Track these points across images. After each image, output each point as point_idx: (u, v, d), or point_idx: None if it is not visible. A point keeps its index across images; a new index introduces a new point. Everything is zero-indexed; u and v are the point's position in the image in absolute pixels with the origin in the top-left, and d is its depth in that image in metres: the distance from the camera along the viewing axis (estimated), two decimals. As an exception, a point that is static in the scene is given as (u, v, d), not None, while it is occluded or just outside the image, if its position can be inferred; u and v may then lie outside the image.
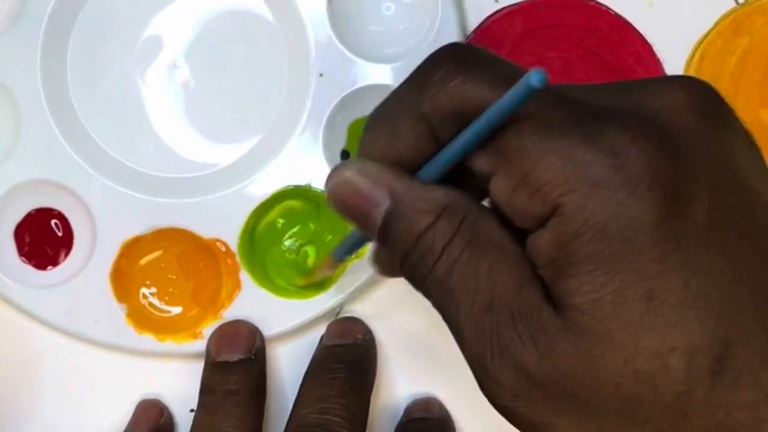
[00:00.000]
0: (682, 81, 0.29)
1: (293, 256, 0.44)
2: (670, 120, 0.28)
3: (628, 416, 0.28)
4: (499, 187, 0.29)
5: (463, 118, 0.28)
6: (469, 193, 0.30)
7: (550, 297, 0.28)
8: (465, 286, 0.29)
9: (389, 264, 0.32)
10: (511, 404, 0.29)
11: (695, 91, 0.29)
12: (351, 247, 0.37)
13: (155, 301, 0.44)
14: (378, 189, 0.30)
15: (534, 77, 0.25)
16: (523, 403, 0.29)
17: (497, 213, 0.30)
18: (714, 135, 0.28)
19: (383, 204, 0.30)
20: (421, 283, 0.30)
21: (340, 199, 0.31)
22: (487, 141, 0.28)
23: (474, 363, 0.30)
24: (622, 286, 0.27)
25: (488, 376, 0.29)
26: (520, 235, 0.29)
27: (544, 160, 0.27)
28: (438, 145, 0.30)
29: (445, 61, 0.29)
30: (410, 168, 0.30)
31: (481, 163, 0.29)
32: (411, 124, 0.30)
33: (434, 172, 0.30)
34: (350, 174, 0.30)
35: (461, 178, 0.30)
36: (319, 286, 0.43)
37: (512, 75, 0.27)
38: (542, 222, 0.28)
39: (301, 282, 0.43)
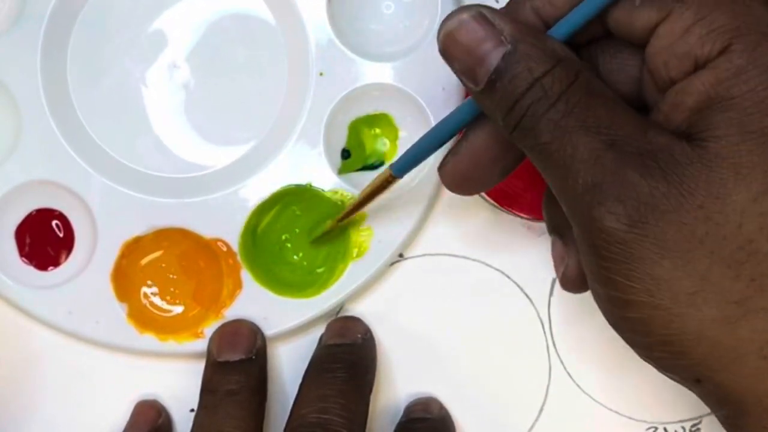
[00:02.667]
0: None
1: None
2: None
3: (738, 267, 0.29)
4: (667, 31, 0.30)
5: None
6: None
7: (683, 137, 0.30)
8: (584, 126, 0.30)
9: (461, 173, 0.34)
10: (623, 236, 0.29)
11: None
12: (414, 160, 0.37)
13: (156, 301, 0.44)
14: (496, 33, 0.31)
15: None
16: (638, 234, 0.29)
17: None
18: None
19: (500, 48, 0.31)
20: (529, 127, 0.31)
21: (453, 42, 0.32)
22: None
23: (586, 193, 0.30)
24: None
25: (602, 207, 0.30)
26: None
27: (721, 5, 0.30)
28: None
29: None
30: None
31: (645, 15, 0.31)
32: None
33: (568, 29, 0.32)
34: (467, 16, 0.31)
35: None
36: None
37: None
38: (704, 63, 0.30)
39: (329, 224, 0.42)
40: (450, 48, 0.32)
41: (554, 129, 0.30)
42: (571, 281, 0.35)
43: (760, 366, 0.30)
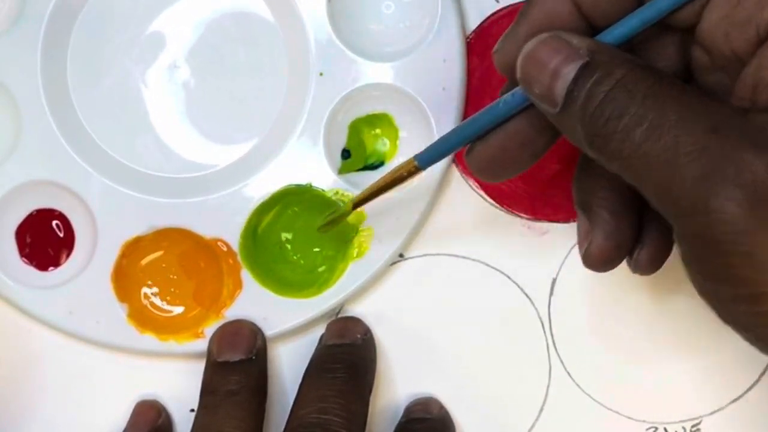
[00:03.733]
0: None
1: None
2: None
3: None
4: (720, 1, 0.30)
5: None
6: None
7: None
8: (680, 117, 0.29)
9: (491, 161, 0.34)
10: (742, 219, 0.28)
11: None
12: (441, 154, 0.37)
13: (157, 301, 0.44)
14: (574, 47, 0.31)
15: None
16: (757, 218, 0.28)
17: None
18: None
19: (578, 60, 0.31)
20: (618, 129, 0.30)
21: (533, 60, 0.32)
22: None
23: (698, 183, 0.29)
24: None
25: (717, 194, 0.28)
26: None
27: None
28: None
29: None
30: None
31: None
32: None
33: (625, 33, 0.32)
34: (546, 36, 0.32)
35: None
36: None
37: None
38: (762, 32, 0.29)
39: (346, 207, 0.41)
40: (529, 68, 0.32)
41: (648, 128, 0.29)
42: (594, 258, 0.35)
43: None
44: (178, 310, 0.44)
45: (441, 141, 0.37)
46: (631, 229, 0.35)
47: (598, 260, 0.35)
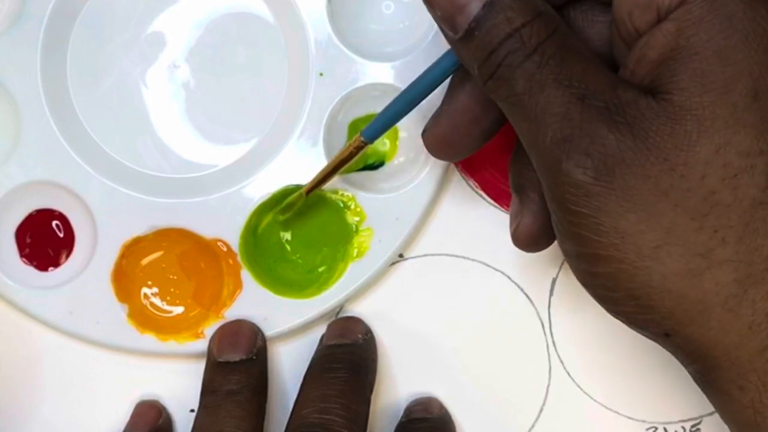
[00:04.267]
0: None
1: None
2: None
3: (701, 219, 0.30)
4: None
5: None
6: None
7: (648, 92, 0.30)
8: (558, 79, 0.30)
9: (443, 134, 0.35)
10: (589, 188, 0.30)
11: None
12: (384, 125, 0.38)
13: (157, 302, 0.44)
14: None
15: None
16: (603, 187, 0.30)
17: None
18: None
19: None
20: (504, 76, 0.31)
21: None
22: None
23: (555, 147, 0.30)
24: (734, 78, 0.29)
25: (570, 160, 0.30)
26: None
27: None
28: None
29: None
30: None
31: None
32: None
33: None
34: None
35: None
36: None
37: None
38: (663, 16, 0.30)
39: (293, 197, 0.42)
40: None
41: (529, 80, 0.31)
42: (521, 238, 0.36)
43: (725, 318, 0.30)
44: (178, 310, 0.44)
45: (383, 114, 0.38)
46: None
47: (525, 240, 0.36)
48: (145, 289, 0.44)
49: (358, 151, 0.39)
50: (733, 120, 0.29)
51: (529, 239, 0.36)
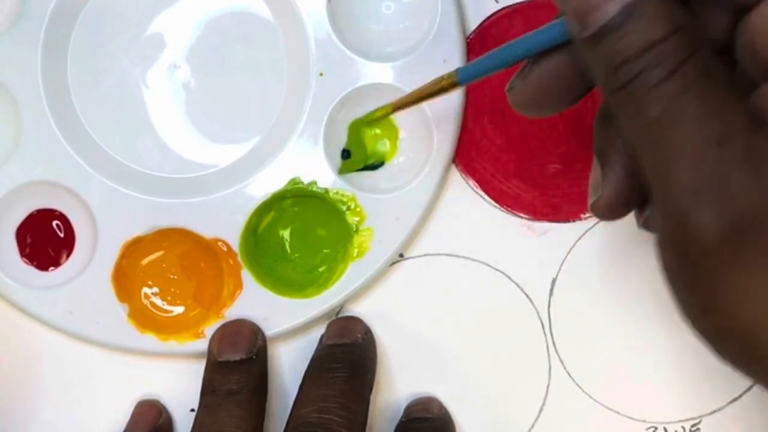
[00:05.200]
0: None
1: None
2: None
3: None
4: (765, 12, 0.28)
5: None
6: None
7: None
8: (696, 112, 0.28)
9: (537, 94, 0.32)
10: (717, 245, 0.28)
11: None
12: (482, 73, 0.35)
13: (157, 301, 0.44)
14: None
15: None
16: (730, 248, 0.28)
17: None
18: None
19: None
20: (637, 95, 0.28)
21: None
22: None
23: (684, 198, 0.28)
24: None
25: (699, 214, 0.28)
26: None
27: None
28: None
29: None
30: None
31: None
32: None
33: None
34: None
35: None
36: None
37: None
38: None
39: (380, 111, 0.41)
40: None
41: (664, 107, 0.28)
42: (602, 210, 0.33)
43: None
44: (179, 310, 0.44)
45: (484, 60, 0.35)
46: (642, 189, 0.33)
47: (603, 212, 0.33)
48: (145, 289, 0.44)
49: (446, 90, 0.37)
50: None
51: (607, 210, 0.33)
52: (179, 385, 0.44)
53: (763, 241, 0.28)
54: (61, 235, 0.44)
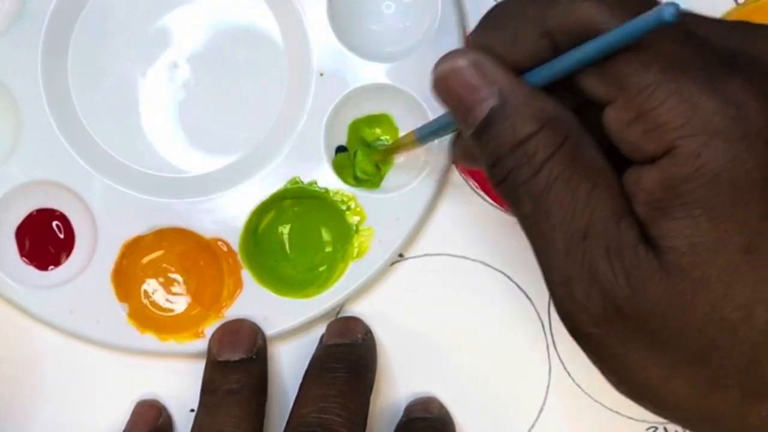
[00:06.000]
0: None
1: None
2: None
3: (702, 359, 0.29)
4: (613, 117, 0.29)
5: (588, 38, 0.28)
6: (570, 112, 0.30)
7: (645, 235, 0.29)
8: (562, 208, 0.29)
9: (470, 155, 0.33)
10: (590, 330, 0.30)
11: None
12: (436, 131, 0.37)
13: (157, 301, 0.44)
14: (488, 84, 0.30)
15: (667, 11, 0.25)
16: (604, 331, 0.30)
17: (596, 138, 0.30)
18: None
19: (489, 100, 0.30)
20: (511, 191, 0.30)
21: (446, 87, 0.31)
22: (606, 65, 0.28)
23: (559, 285, 0.30)
24: (724, 235, 0.28)
25: (573, 301, 0.30)
26: (615, 162, 0.30)
27: (667, 101, 0.28)
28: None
29: None
30: (520, 70, 0.30)
31: (596, 88, 0.29)
32: (534, 37, 0.30)
33: (542, 79, 0.30)
34: (463, 63, 0.31)
35: (561, 92, 0.30)
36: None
37: (645, 3, 0.28)
38: (651, 159, 0.28)
39: (370, 162, 0.43)
40: (441, 91, 0.32)
41: (535, 202, 0.30)
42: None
43: (735, 425, 0.30)
44: (179, 309, 0.44)
45: (432, 123, 0.38)
46: None
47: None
48: (145, 289, 0.44)
49: (409, 147, 0.39)
50: (727, 277, 0.28)
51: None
52: (179, 385, 0.44)
53: (629, 327, 0.29)
54: (61, 235, 0.44)
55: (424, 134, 0.38)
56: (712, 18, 0.32)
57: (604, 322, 0.29)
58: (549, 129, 0.30)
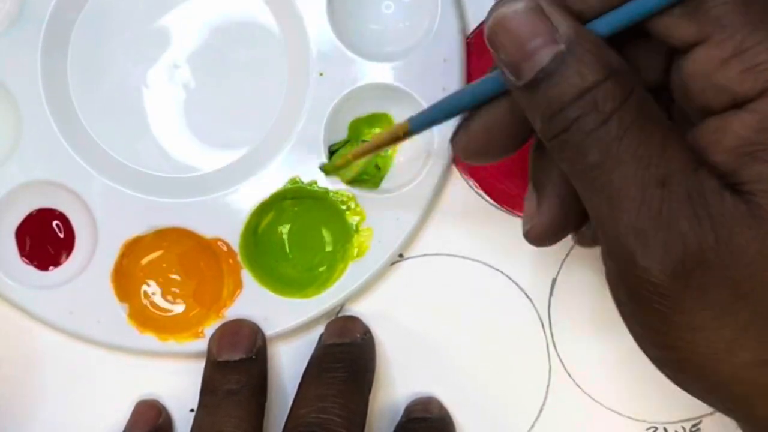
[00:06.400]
0: None
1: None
2: None
3: None
4: (704, 57, 0.28)
5: None
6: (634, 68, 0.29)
7: (728, 184, 0.28)
8: (636, 155, 0.28)
9: (477, 143, 0.32)
10: (665, 285, 0.28)
11: None
12: (435, 118, 0.35)
13: (157, 301, 0.44)
14: (552, 30, 0.29)
15: None
16: (680, 285, 0.28)
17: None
18: None
19: (552, 47, 0.28)
20: (575, 141, 0.29)
21: (504, 31, 0.29)
22: (696, 4, 0.27)
23: (631, 238, 0.28)
24: None
25: (647, 253, 0.28)
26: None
27: (766, 40, 0.27)
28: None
29: None
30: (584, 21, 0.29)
31: (683, 29, 0.28)
32: None
33: (611, 27, 0.29)
34: (526, 5, 0.29)
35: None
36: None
37: None
38: (740, 103, 0.27)
39: (341, 160, 0.41)
40: (498, 36, 0.29)
41: (604, 151, 0.28)
42: (535, 239, 0.34)
43: None
44: (179, 310, 0.44)
45: (431, 110, 0.36)
46: (577, 217, 0.33)
47: (537, 239, 0.34)
48: (145, 289, 0.44)
49: (402, 139, 0.37)
50: None
51: (541, 238, 0.34)
52: (179, 385, 0.44)
53: (709, 278, 0.28)
54: (61, 235, 0.44)
55: (422, 122, 0.36)
56: None
57: (682, 274, 0.28)
58: (617, 79, 0.28)
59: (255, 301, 0.43)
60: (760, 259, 0.28)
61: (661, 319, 0.29)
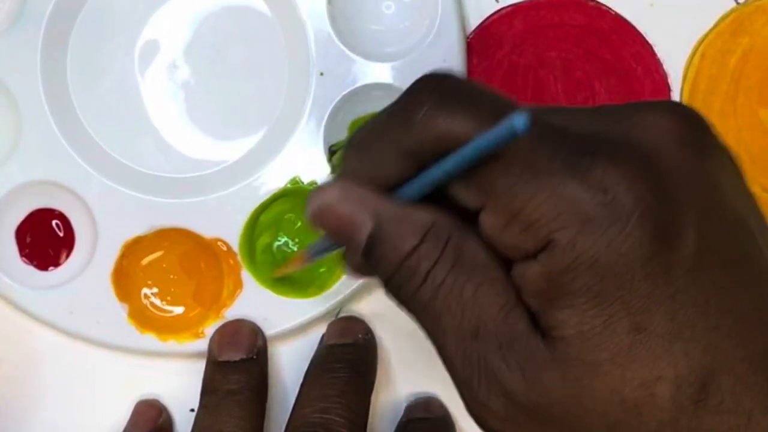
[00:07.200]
0: (669, 109, 0.29)
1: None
2: (657, 152, 0.28)
3: None
4: (488, 222, 0.29)
5: (449, 152, 0.28)
6: (452, 213, 0.30)
7: (536, 324, 0.29)
8: (450, 312, 0.29)
9: (360, 269, 0.33)
10: (499, 428, 0.30)
11: (682, 119, 0.29)
12: (325, 250, 0.36)
13: (157, 301, 0.44)
14: (360, 212, 0.30)
15: (518, 121, 0.25)
16: (511, 427, 0.29)
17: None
18: (701, 165, 0.29)
19: (366, 227, 0.30)
20: (405, 305, 0.30)
21: (322, 221, 0.31)
22: (470, 174, 0.28)
23: (462, 387, 0.30)
24: (611, 319, 0.28)
25: (476, 401, 0.30)
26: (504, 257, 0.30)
27: (533, 198, 0.28)
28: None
29: (429, 97, 0.29)
30: (392, 188, 0.30)
31: (467, 197, 0.29)
32: (395, 160, 0.30)
33: (415, 193, 0.30)
34: (332, 197, 0.30)
35: (443, 197, 0.30)
36: (307, 285, 0.43)
37: (499, 109, 0.28)
38: (532, 255, 0.28)
39: (274, 274, 0.43)
40: (321, 223, 0.31)
41: (423, 312, 0.30)
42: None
43: None
44: (179, 310, 0.44)
45: (309, 249, 0.38)
46: None
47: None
48: (145, 289, 0.44)
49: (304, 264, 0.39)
50: (621, 359, 0.28)
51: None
52: (179, 385, 0.44)
53: (533, 418, 0.29)
54: (61, 235, 0.44)
55: (316, 252, 0.37)
56: (571, 107, 0.33)
57: (509, 417, 0.29)
58: (429, 240, 0.29)
59: (255, 302, 0.43)
60: (570, 398, 0.28)
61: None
